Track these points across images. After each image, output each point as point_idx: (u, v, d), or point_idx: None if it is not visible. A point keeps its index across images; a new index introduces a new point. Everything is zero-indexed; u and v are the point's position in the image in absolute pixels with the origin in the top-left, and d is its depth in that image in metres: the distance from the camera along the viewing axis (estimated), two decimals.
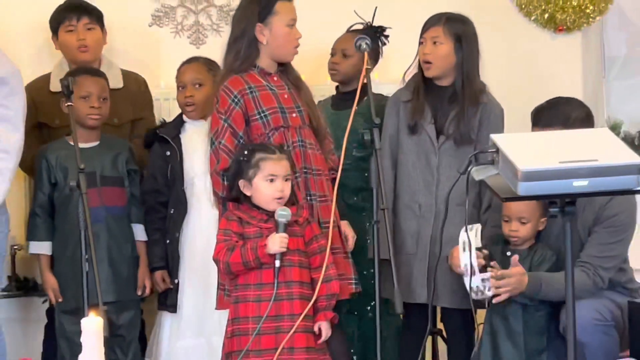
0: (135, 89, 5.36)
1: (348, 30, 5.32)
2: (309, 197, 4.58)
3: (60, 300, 4.94)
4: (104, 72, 5.16)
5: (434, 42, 4.84)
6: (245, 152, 4.44)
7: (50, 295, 4.97)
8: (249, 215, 4.40)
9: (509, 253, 4.57)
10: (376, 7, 5.14)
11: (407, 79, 5.02)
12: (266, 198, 4.36)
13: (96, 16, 5.34)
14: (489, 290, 4.37)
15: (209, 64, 5.17)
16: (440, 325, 5.07)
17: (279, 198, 4.35)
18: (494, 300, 4.41)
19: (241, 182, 4.38)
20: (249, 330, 4.32)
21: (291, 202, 4.46)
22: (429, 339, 5.17)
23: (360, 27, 5.31)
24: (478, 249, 4.42)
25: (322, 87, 5.54)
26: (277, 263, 4.27)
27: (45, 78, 5.39)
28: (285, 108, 4.62)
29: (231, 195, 4.48)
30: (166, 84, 5.43)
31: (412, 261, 4.84)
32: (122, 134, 5.27)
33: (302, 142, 4.61)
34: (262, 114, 4.60)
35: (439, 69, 4.86)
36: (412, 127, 4.89)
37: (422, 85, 4.92)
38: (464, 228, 4.35)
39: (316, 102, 5.00)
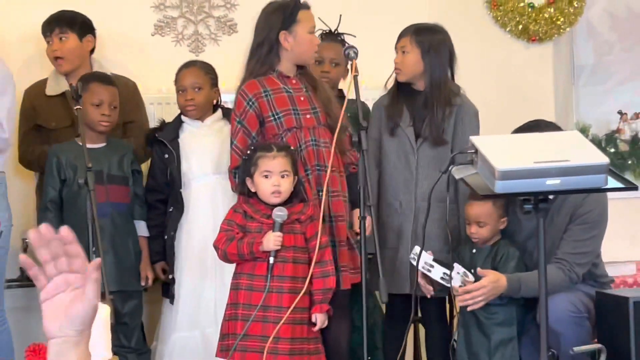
0: (125, 92, 5.26)
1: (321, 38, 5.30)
2: (320, 193, 4.58)
3: None
4: (115, 81, 5.13)
5: (403, 52, 4.88)
6: (248, 152, 4.49)
7: None
8: (254, 210, 4.42)
9: (474, 250, 4.61)
10: (340, 15, 5.13)
11: (388, 86, 5.04)
12: (264, 193, 4.39)
13: (68, 25, 5.26)
14: (457, 276, 4.40)
15: (205, 67, 5.17)
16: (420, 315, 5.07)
17: (275, 192, 4.37)
18: (469, 308, 4.42)
19: (247, 179, 4.42)
20: (239, 315, 4.37)
21: (300, 199, 4.49)
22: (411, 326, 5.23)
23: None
24: (435, 260, 4.44)
25: None
26: (271, 260, 4.30)
27: (42, 83, 5.35)
28: (299, 110, 4.64)
29: (242, 191, 4.51)
30: (167, 88, 5.42)
31: (395, 255, 4.84)
32: (113, 135, 5.21)
33: (316, 142, 4.63)
34: (276, 116, 4.62)
35: (407, 75, 4.89)
36: (392, 129, 4.91)
37: (397, 90, 4.95)
38: (411, 257, 4.45)
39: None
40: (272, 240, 4.29)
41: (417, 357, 5.38)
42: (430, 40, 4.86)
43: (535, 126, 4.63)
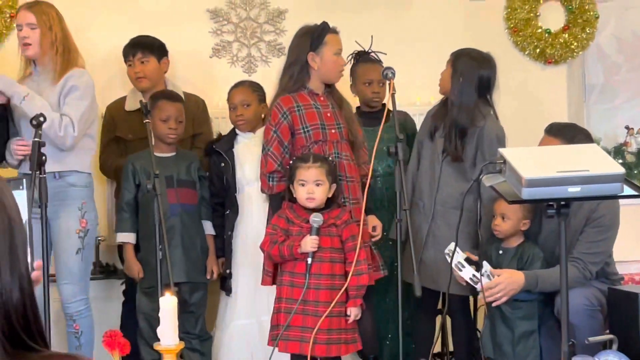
0: (195, 108, 5.33)
1: (358, 60, 5.30)
2: (342, 200, 4.60)
3: (141, 277, 4.96)
4: (182, 97, 5.17)
5: (445, 71, 4.90)
6: (291, 162, 4.51)
7: (135, 276, 4.99)
8: (295, 215, 4.43)
9: (500, 251, 4.61)
10: (372, 36, 5.14)
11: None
12: (300, 198, 4.41)
13: (149, 49, 5.31)
14: (483, 277, 4.38)
15: (253, 86, 5.20)
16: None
17: (309, 199, 4.37)
18: (494, 304, 4.43)
19: (290, 186, 4.44)
20: (282, 308, 4.40)
21: (337, 204, 4.49)
22: (438, 317, 5.22)
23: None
24: (466, 259, 4.45)
25: None
26: (309, 260, 4.32)
27: (122, 100, 5.40)
28: (326, 125, 4.64)
29: (275, 194, 4.56)
30: (223, 104, 5.43)
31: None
32: (184, 146, 5.26)
33: (338, 154, 4.63)
34: (306, 129, 4.62)
35: (441, 89, 4.95)
36: (430, 135, 4.90)
37: (443, 102, 4.95)
38: (446, 252, 4.43)
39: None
40: (309, 243, 4.31)
41: (444, 345, 5.38)
42: (461, 66, 4.83)
43: (572, 126, 4.77)
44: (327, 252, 4.39)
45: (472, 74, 4.82)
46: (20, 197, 1.87)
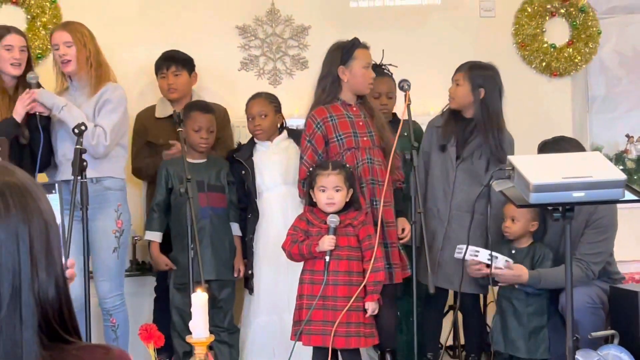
0: (217, 115, 5.30)
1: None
2: (374, 203, 4.59)
3: (171, 271, 4.98)
4: (213, 108, 5.17)
5: (457, 84, 4.86)
6: (311, 169, 4.52)
7: (163, 269, 5.01)
8: (315, 217, 4.44)
9: (513, 251, 4.59)
10: (383, 50, 5.09)
11: (444, 109, 5.02)
12: (320, 203, 4.42)
13: (182, 64, 5.34)
14: (498, 263, 4.38)
15: (269, 97, 5.17)
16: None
17: (329, 204, 4.38)
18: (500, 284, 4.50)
19: (311, 191, 4.45)
20: (304, 304, 4.40)
21: (354, 207, 4.49)
22: (449, 313, 5.21)
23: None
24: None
25: None
26: (327, 258, 4.32)
27: (151, 108, 5.41)
28: (358, 133, 4.65)
29: (308, 202, 4.53)
30: None
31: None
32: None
33: (371, 160, 4.64)
34: (339, 137, 4.63)
35: (457, 104, 4.86)
36: (441, 147, 4.88)
37: (450, 115, 4.91)
38: (457, 251, 4.44)
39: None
40: (326, 242, 4.31)
41: (456, 339, 5.37)
42: (482, 77, 4.82)
43: (559, 141, 4.66)
44: (344, 251, 4.39)
45: (493, 84, 4.83)
46: (54, 201, 1.87)
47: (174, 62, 5.32)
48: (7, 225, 1.43)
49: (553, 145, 4.60)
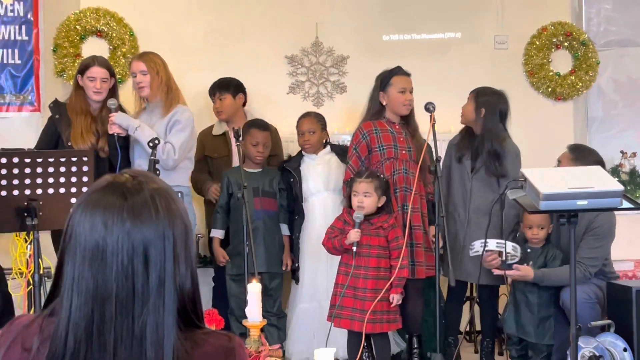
0: (272, 133, 5.36)
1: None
2: (405, 207, 4.60)
3: (226, 262, 5.00)
4: (270, 126, 5.20)
5: (467, 103, 4.89)
6: (352, 176, 4.54)
7: (222, 260, 5.02)
8: (351, 217, 4.44)
9: (529, 250, 4.58)
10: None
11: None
12: (353, 206, 4.45)
13: (225, 88, 5.35)
14: (514, 255, 4.40)
15: (318, 116, 5.20)
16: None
17: (359, 207, 4.40)
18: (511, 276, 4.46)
19: (351, 195, 4.48)
20: (338, 292, 4.44)
21: (387, 211, 4.50)
22: (467, 303, 5.19)
23: None
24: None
25: None
26: (354, 248, 4.35)
27: (210, 128, 5.45)
28: (398, 146, 4.69)
29: (348, 203, 4.55)
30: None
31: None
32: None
33: (406, 171, 4.66)
34: (381, 147, 4.68)
35: (464, 120, 4.92)
36: (458, 159, 4.89)
37: (465, 132, 4.94)
38: (471, 250, 4.45)
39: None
40: (352, 235, 4.34)
41: (472, 326, 5.35)
42: (485, 99, 4.82)
43: (585, 148, 4.73)
44: (374, 249, 4.41)
45: (494, 108, 4.80)
46: None
47: (218, 88, 5.37)
48: (157, 226, 1.45)
49: (579, 149, 4.69)
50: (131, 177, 1.50)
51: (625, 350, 4.15)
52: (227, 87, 5.36)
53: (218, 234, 5.06)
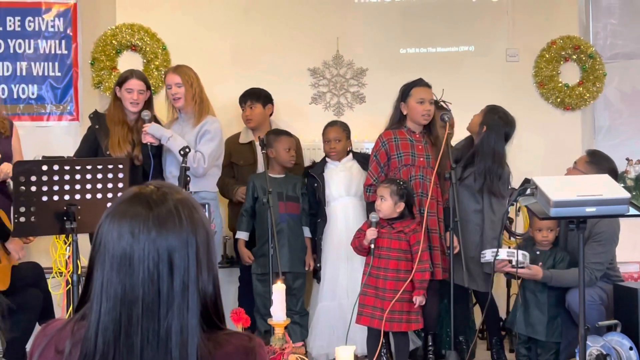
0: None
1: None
2: (421, 211, 4.58)
3: (251, 262, 5.00)
4: (293, 135, 5.20)
5: (476, 116, 4.86)
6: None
7: (248, 260, 5.02)
8: None
9: (538, 252, 4.55)
10: (443, 89, 5.01)
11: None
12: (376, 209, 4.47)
13: (256, 98, 5.34)
14: (523, 262, 4.34)
15: (343, 126, 5.19)
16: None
17: (378, 210, 4.41)
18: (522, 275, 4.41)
19: None
20: (361, 290, 4.43)
21: (408, 217, 4.48)
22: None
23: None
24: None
25: None
26: (372, 246, 4.36)
27: (237, 135, 5.44)
28: (416, 154, 4.67)
29: (371, 201, 4.60)
30: (319, 139, 5.46)
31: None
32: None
33: (423, 177, 4.64)
34: (399, 155, 4.67)
35: (470, 128, 4.88)
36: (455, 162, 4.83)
37: (469, 141, 4.90)
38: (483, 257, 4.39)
39: None
40: (369, 234, 4.36)
41: (484, 325, 5.30)
42: (491, 119, 4.76)
43: (601, 155, 4.68)
44: (394, 252, 4.38)
45: (499, 129, 4.73)
46: None
47: (250, 97, 5.36)
48: (180, 234, 1.46)
49: (595, 154, 4.66)
50: (156, 189, 1.51)
51: (631, 349, 4.11)
52: (258, 97, 5.36)
53: (243, 235, 5.06)
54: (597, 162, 4.52)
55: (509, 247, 4.44)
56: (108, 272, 1.44)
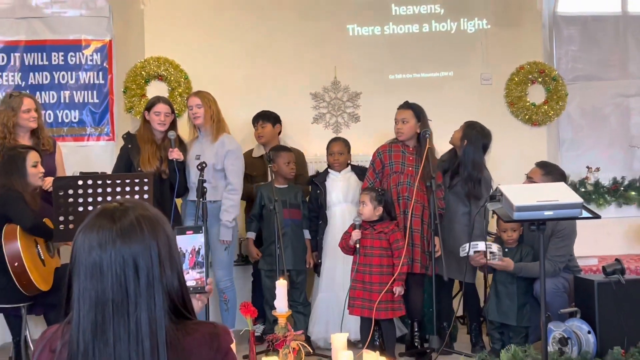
0: (298, 157, 5.34)
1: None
2: (405, 212, 4.57)
3: (259, 259, 5.00)
4: (293, 149, 5.22)
5: (457, 131, 4.84)
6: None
7: (255, 256, 5.02)
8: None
9: (506, 249, 4.54)
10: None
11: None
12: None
13: (267, 119, 5.36)
14: (498, 253, 4.38)
15: (345, 142, 5.19)
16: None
17: (359, 213, 4.44)
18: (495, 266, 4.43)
19: None
20: (350, 285, 4.45)
21: (389, 219, 4.48)
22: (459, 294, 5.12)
23: None
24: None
25: None
26: (357, 245, 4.38)
27: (250, 151, 5.44)
28: (406, 163, 4.67)
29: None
30: (320, 154, 5.47)
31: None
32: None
33: (410, 183, 4.62)
34: (391, 163, 4.69)
35: (452, 142, 4.86)
36: (443, 173, 4.84)
37: (453, 153, 4.88)
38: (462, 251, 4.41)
39: None
40: (353, 235, 4.38)
41: (464, 312, 5.29)
42: (469, 133, 4.76)
43: (551, 165, 4.66)
44: (377, 250, 4.40)
45: (476, 140, 4.74)
46: (201, 237, 1.96)
47: (261, 118, 5.39)
48: (142, 241, 1.47)
49: (546, 164, 4.61)
50: (119, 204, 1.52)
51: (589, 332, 4.10)
52: (269, 118, 5.38)
53: (251, 235, 5.08)
54: (550, 171, 4.50)
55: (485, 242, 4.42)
56: (83, 281, 1.45)
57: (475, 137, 4.74)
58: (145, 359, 1.42)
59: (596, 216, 3.43)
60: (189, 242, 1.93)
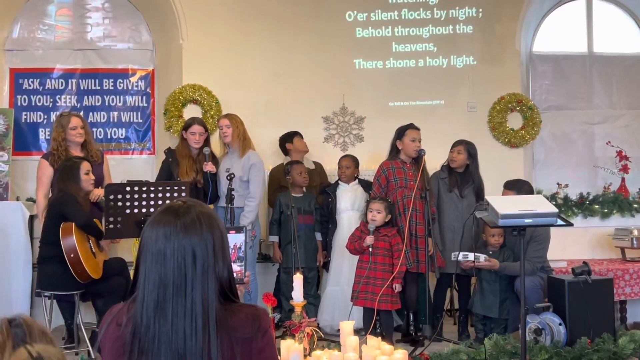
0: (317, 170, 5.35)
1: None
2: (412, 222, 4.52)
3: (281, 261, 4.97)
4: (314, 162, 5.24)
5: (458, 152, 4.80)
6: (369, 199, 4.52)
7: (277, 260, 5.01)
8: (366, 228, 4.42)
9: (490, 252, 4.50)
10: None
11: (441, 166, 4.95)
12: (369, 219, 4.42)
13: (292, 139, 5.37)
14: (480, 258, 4.33)
15: (353, 157, 5.17)
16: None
17: (372, 220, 4.38)
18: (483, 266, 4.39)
19: (368, 212, 4.47)
20: (357, 281, 4.40)
21: (391, 224, 4.45)
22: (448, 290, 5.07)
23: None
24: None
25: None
26: (370, 249, 4.33)
27: (282, 165, 5.40)
28: (408, 179, 4.62)
29: (365, 218, 4.50)
30: (330, 168, 5.44)
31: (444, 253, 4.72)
32: (314, 189, 5.29)
33: (411, 196, 4.57)
34: (395, 179, 4.63)
35: (457, 164, 4.80)
36: (448, 189, 4.79)
37: (452, 171, 4.83)
38: (452, 257, 4.37)
39: None
40: (368, 239, 4.32)
41: (452, 306, 5.24)
42: (472, 150, 4.78)
43: (519, 181, 4.60)
44: (381, 251, 4.37)
45: (475, 154, 4.79)
46: (242, 236, 1.98)
47: (288, 138, 5.38)
48: (201, 235, 1.48)
49: (514, 183, 4.55)
50: (183, 203, 1.53)
51: (560, 324, 4.06)
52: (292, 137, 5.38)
53: (275, 239, 5.05)
54: (519, 188, 4.45)
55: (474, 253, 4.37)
56: (149, 265, 1.47)
57: (475, 154, 4.80)
58: (198, 333, 1.43)
59: (569, 224, 3.42)
60: (231, 240, 1.93)
